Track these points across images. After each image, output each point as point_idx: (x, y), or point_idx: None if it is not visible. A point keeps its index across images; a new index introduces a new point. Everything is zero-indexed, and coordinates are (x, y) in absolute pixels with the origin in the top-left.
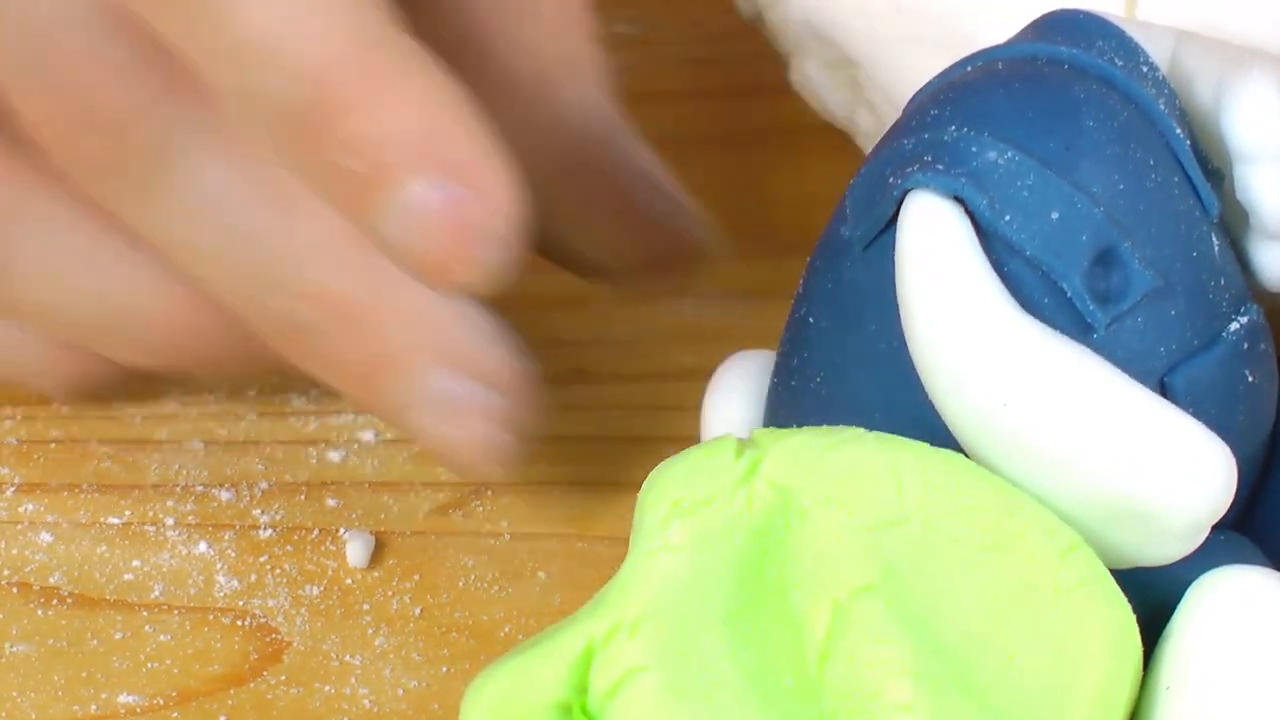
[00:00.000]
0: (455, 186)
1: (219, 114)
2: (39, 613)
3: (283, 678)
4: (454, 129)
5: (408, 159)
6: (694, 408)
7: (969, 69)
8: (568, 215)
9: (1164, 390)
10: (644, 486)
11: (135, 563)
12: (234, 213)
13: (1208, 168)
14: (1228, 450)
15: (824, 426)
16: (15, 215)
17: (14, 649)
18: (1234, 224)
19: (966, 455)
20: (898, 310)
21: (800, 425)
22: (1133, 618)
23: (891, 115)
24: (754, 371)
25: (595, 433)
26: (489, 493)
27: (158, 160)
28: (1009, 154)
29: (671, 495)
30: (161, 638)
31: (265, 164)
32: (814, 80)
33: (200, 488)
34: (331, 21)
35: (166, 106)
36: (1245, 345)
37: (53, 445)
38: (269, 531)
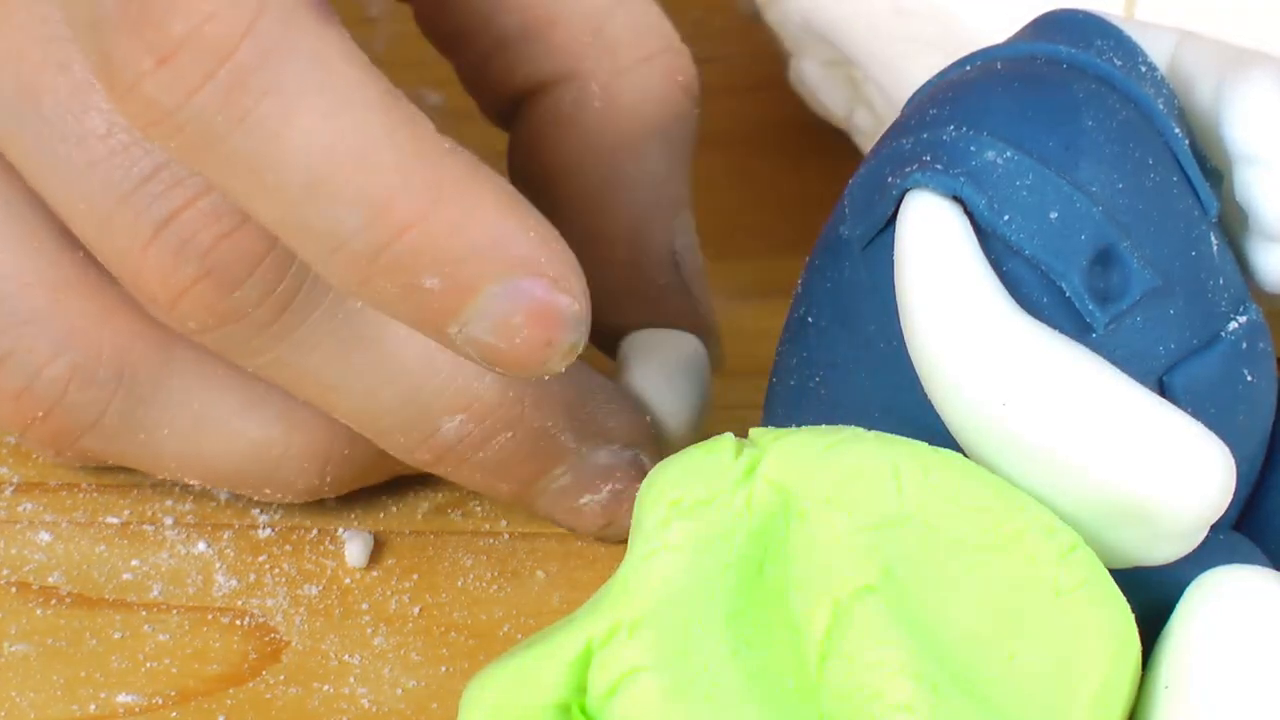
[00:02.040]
0: (531, 281)
1: None
2: (38, 612)
3: (281, 677)
4: (520, 226)
5: (483, 268)
6: None
7: (968, 69)
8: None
9: (1163, 390)
10: (643, 486)
11: (134, 562)
12: (376, 344)
13: (1206, 168)
14: (1227, 450)
15: (824, 426)
16: (167, 371)
17: (13, 648)
18: (1233, 225)
19: (966, 455)
20: (897, 310)
21: (800, 425)
22: (1132, 618)
23: (890, 115)
24: None
25: None
26: None
27: (289, 302)
28: (1008, 153)
29: (670, 495)
30: (160, 637)
31: None
32: (812, 79)
33: (199, 487)
34: (380, 143)
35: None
36: (1244, 345)
37: None
38: (268, 531)
